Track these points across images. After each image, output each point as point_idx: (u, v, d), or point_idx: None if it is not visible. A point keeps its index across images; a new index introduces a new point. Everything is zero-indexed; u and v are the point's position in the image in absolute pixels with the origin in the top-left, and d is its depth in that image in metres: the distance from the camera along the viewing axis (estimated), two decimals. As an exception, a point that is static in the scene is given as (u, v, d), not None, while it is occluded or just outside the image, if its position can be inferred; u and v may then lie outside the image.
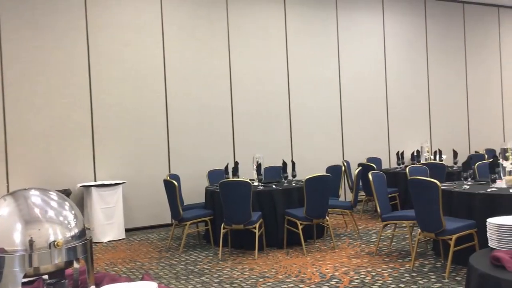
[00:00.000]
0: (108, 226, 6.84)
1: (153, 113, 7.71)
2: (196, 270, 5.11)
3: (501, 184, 4.99)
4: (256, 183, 6.31)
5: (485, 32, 10.96)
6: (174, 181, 5.94)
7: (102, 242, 6.72)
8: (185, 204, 6.78)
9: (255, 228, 5.52)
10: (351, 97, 9.35)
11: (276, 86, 8.67)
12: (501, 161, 5.11)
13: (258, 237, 5.53)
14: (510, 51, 11.26)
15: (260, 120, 8.50)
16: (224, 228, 5.62)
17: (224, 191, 5.53)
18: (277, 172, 6.92)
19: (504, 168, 5.07)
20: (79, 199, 7.05)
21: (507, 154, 5.04)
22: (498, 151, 6.58)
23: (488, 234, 2.37)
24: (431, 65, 10.26)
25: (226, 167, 6.75)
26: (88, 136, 7.26)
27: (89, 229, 1.74)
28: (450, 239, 4.42)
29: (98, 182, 7.07)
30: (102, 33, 7.37)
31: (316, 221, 5.74)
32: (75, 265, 1.64)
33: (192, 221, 6.05)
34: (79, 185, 7.01)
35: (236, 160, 7.63)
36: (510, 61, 11.26)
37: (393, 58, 9.84)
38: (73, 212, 1.64)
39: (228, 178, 6.51)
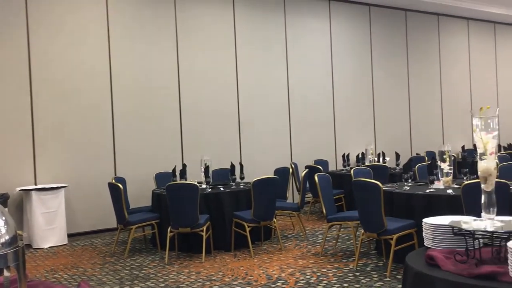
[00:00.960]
0: (50, 231, 6.58)
1: (98, 114, 7.50)
2: (141, 275, 5.01)
3: (438, 185, 5.22)
4: (204, 186, 6.28)
5: (426, 39, 11.43)
6: (119, 184, 5.80)
7: (42, 248, 6.45)
8: (131, 207, 6.63)
9: (202, 231, 5.48)
10: (299, 100, 9.49)
11: (225, 88, 8.67)
12: (439, 163, 5.35)
13: (205, 240, 5.49)
14: (449, 58, 11.80)
15: (209, 122, 8.46)
16: (171, 232, 5.55)
17: (171, 194, 5.46)
18: (226, 175, 6.91)
19: (441, 169, 5.31)
20: (18, 204, 6.74)
21: (444, 157, 5.28)
22: (437, 154, 6.88)
23: (423, 234, 2.47)
24: (375, 70, 10.59)
25: (174, 170, 6.67)
26: (28, 137, 6.96)
27: (21, 235, 1.66)
28: (391, 238, 4.57)
29: (39, 186, 6.79)
30: (43, 32, 7.09)
31: (263, 223, 5.77)
32: (6, 273, 1.57)
33: (138, 225, 5.93)
34: (18, 189, 6.70)
35: (184, 162, 7.56)
36: (449, 68, 11.80)
37: (339, 62, 10.07)
38: (3, 218, 1.56)
39: (176, 180, 6.43)
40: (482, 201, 2.20)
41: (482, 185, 2.20)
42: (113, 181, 6.14)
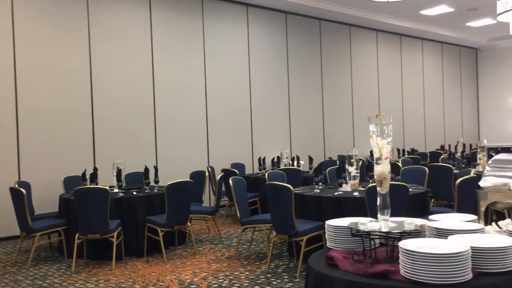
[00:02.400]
0: None
1: (0, 115, 7.00)
2: (45, 285, 4.73)
3: (346, 188, 5.46)
4: (116, 190, 6.07)
5: (339, 48, 11.94)
6: (21, 189, 5.44)
7: None
8: (37, 213, 6.25)
9: (113, 237, 5.30)
10: (217, 103, 9.49)
11: (140, 90, 8.46)
12: (347, 166, 5.60)
13: (116, 246, 5.31)
14: (359, 67, 12.41)
15: (123, 124, 8.21)
16: (78, 239, 5.30)
17: (79, 199, 5.22)
18: (140, 178, 6.74)
19: (349, 173, 5.56)
20: None
21: (352, 161, 5.53)
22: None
23: (326, 235, 2.56)
24: (292, 76, 10.87)
25: (84, 174, 6.38)
26: None
27: None
28: (302, 240, 4.70)
29: None
30: None
31: (177, 228, 5.70)
32: None
33: (42, 232, 5.60)
34: None
35: (95, 166, 7.27)
36: (360, 76, 12.42)
37: (257, 67, 10.23)
38: None
39: (86, 185, 6.16)
40: (378, 203, 2.33)
41: (378, 188, 2.33)
42: (16, 185, 5.75)
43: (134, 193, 6.02)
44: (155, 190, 6.20)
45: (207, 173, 7.44)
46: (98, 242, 5.53)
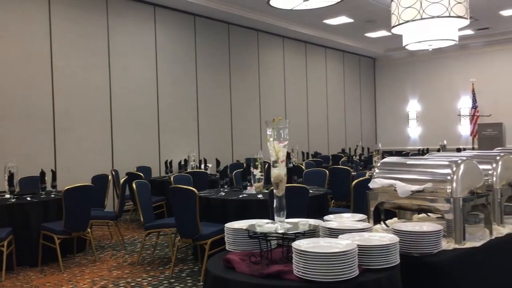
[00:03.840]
0: None
1: None
2: None
3: (251, 190, 5.55)
4: (7, 196, 5.64)
5: (247, 53, 12.12)
6: None
7: None
8: None
9: (3, 246, 4.91)
10: (122, 104, 9.19)
11: (38, 89, 7.94)
12: (252, 169, 5.69)
13: (6, 256, 4.93)
14: (267, 71, 12.69)
15: (18, 126, 7.65)
16: (-38, 249, 4.85)
17: (-37, 206, 4.78)
18: (36, 183, 6.31)
19: (254, 176, 5.66)
20: None
21: (256, 163, 5.63)
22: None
23: (225, 238, 2.58)
24: (200, 79, 10.84)
25: (-30, 178, 5.86)
26: None
27: None
28: (206, 243, 4.69)
29: None
30: None
31: (76, 234, 5.42)
32: None
33: None
34: None
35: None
36: (267, 81, 12.68)
37: (165, 68, 10.06)
38: None
39: (-28, 190, 5.65)
40: (274, 205, 2.39)
41: (274, 191, 2.40)
42: None
43: (28, 198, 5.63)
44: (52, 195, 5.85)
45: (110, 177, 7.17)
46: (-14, 253, 5.10)
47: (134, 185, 5.35)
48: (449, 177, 2.65)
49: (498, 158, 3.05)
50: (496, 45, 14.38)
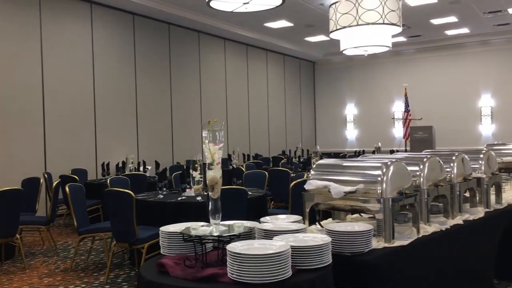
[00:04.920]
0: None
1: None
2: None
3: (190, 192, 5.49)
4: None
5: (187, 54, 12.01)
6: None
7: None
8: None
9: None
10: (56, 103, 8.81)
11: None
12: (191, 171, 5.63)
13: None
14: (208, 73, 12.63)
15: None
16: None
17: None
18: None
19: (193, 178, 5.60)
20: None
21: (196, 165, 5.58)
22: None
23: (160, 242, 2.53)
24: (139, 80, 10.61)
25: None
26: None
27: None
28: (143, 247, 4.59)
29: None
30: None
31: (3, 241, 5.14)
32: None
33: None
34: None
35: None
36: (208, 82, 12.62)
37: (102, 68, 9.76)
38: None
39: None
40: (210, 208, 2.38)
41: (210, 193, 2.38)
42: None
43: (-51, 204, 5.27)
44: (-23, 200, 5.50)
45: (42, 180, 6.85)
46: None
47: (67, 189, 5.15)
48: (379, 178, 2.75)
49: (425, 160, 3.20)
50: (427, 52, 15.14)
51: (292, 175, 7.31)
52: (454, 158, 3.53)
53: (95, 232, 5.19)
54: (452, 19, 12.20)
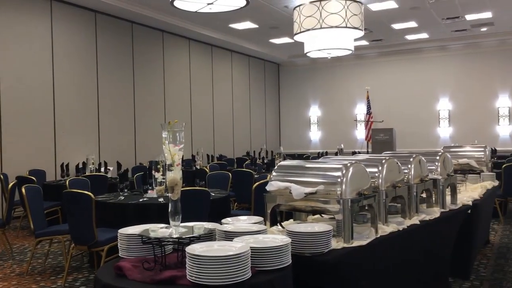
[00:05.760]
0: None
1: None
2: None
3: (152, 194, 5.42)
4: None
5: (151, 53, 11.85)
6: None
7: None
8: None
9: None
10: (13, 102, 8.53)
11: None
12: (153, 172, 5.55)
13: None
14: (172, 72, 12.51)
15: None
16: None
17: None
18: None
19: (156, 179, 5.53)
20: None
21: (158, 166, 5.51)
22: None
23: (118, 245, 2.49)
24: (101, 79, 10.40)
25: None
26: None
27: None
28: (103, 250, 4.50)
29: None
30: None
31: (-46, 245, 4.93)
32: None
33: None
34: None
35: None
36: (172, 81, 12.51)
37: (62, 65, 9.51)
38: None
39: None
40: (169, 209, 2.35)
41: (169, 194, 2.36)
42: None
43: None
44: None
45: (-3, 181, 6.62)
46: None
47: (23, 190, 4.99)
48: (339, 180, 2.79)
49: (383, 161, 3.27)
50: (388, 56, 15.50)
51: (256, 176, 7.32)
52: (411, 160, 3.62)
53: (53, 235, 5.05)
54: (412, 24, 12.53)
